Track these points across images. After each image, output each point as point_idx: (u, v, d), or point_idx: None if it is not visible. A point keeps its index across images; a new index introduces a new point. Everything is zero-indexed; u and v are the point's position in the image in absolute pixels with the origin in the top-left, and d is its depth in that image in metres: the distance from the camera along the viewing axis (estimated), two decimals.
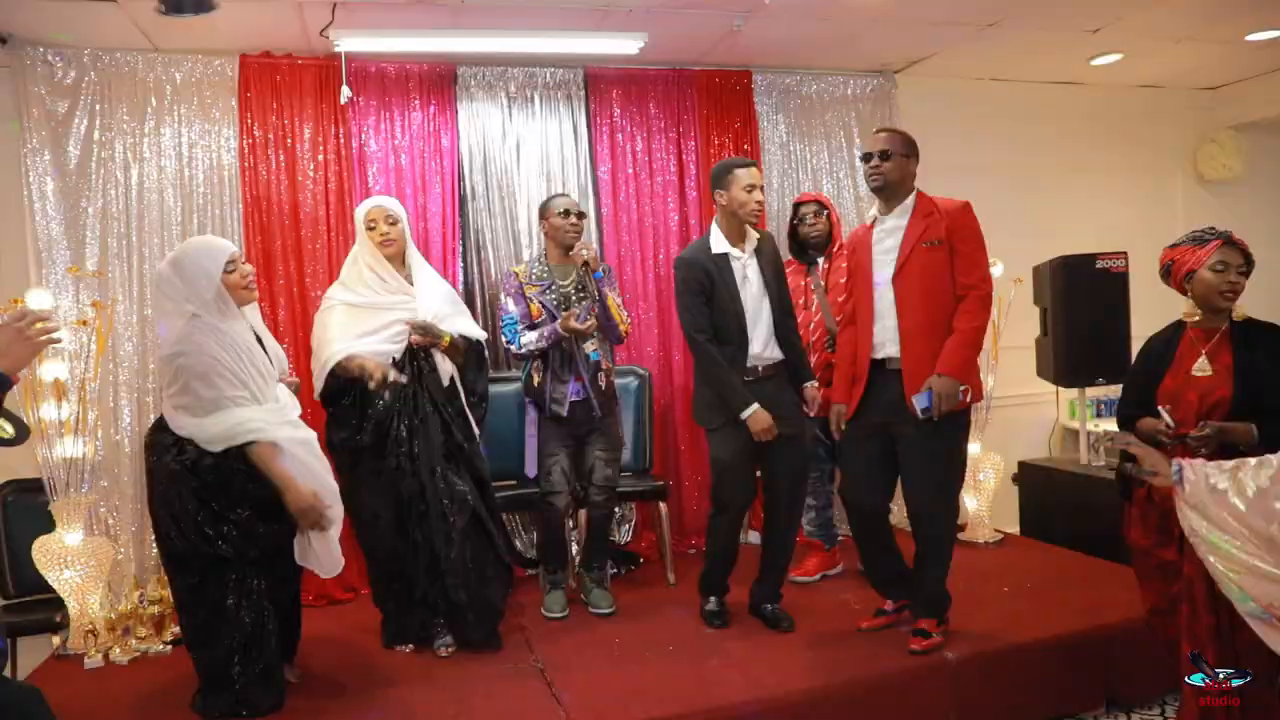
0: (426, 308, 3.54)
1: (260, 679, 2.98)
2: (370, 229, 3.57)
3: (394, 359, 3.44)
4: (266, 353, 3.04)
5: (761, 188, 3.49)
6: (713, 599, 3.70)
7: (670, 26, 4.30)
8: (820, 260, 4.20)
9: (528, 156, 4.72)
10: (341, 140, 4.40)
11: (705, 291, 3.47)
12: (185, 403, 2.86)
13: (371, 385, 3.30)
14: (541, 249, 4.12)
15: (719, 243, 3.51)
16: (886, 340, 3.26)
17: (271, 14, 3.93)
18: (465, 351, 3.62)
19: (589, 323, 3.75)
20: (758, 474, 3.63)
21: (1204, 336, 2.73)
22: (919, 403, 3.12)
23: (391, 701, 3.10)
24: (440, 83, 4.58)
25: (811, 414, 3.65)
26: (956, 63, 5.20)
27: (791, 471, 3.60)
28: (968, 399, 3.18)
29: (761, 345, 3.51)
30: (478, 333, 3.70)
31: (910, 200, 3.27)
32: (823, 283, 4.16)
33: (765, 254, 3.58)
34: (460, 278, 4.59)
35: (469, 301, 4.62)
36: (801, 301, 4.11)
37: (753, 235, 3.58)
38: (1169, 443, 2.70)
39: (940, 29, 4.63)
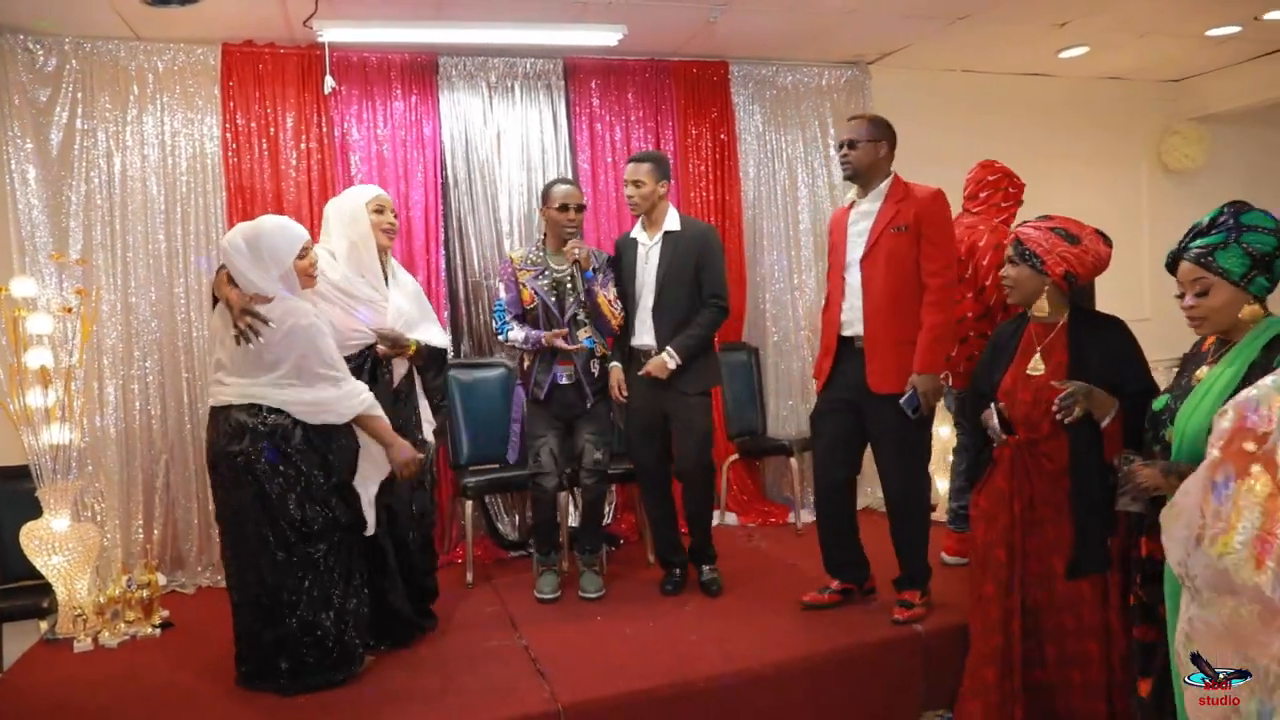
0: (397, 311, 3.44)
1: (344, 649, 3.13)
2: (379, 213, 3.43)
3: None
4: None
5: (635, 183, 3.75)
6: (668, 570, 3.96)
7: (648, 18, 4.38)
8: None
9: (509, 145, 4.78)
10: (324, 129, 4.45)
11: (615, 268, 3.89)
12: (295, 376, 2.99)
13: None
14: (542, 233, 4.05)
15: (636, 229, 3.88)
16: (854, 319, 3.38)
17: (254, 4, 3.96)
18: (427, 356, 3.57)
19: (576, 346, 3.80)
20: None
21: (1043, 332, 2.71)
22: (907, 405, 3.23)
23: (380, 680, 3.17)
24: (422, 72, 4.63)
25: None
26: (928, 54, 5.30)
27: (683, 455, 3.81)
28: (949, 383, 3.28)
29: (645, 330, 3.78)
30: (441, 340, 3.66)
31: (885, 185, 3.35)
32: None
33: (679, 244, 3.75)
34: (443, 265, 4.65)
35: (450, 285, 4.69)
36: None
37: (671, 224, 3.78)
38: (996, 439, 2.77)
39: (912, 21, 4.73)
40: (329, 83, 4.25)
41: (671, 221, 3.79)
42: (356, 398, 3.06)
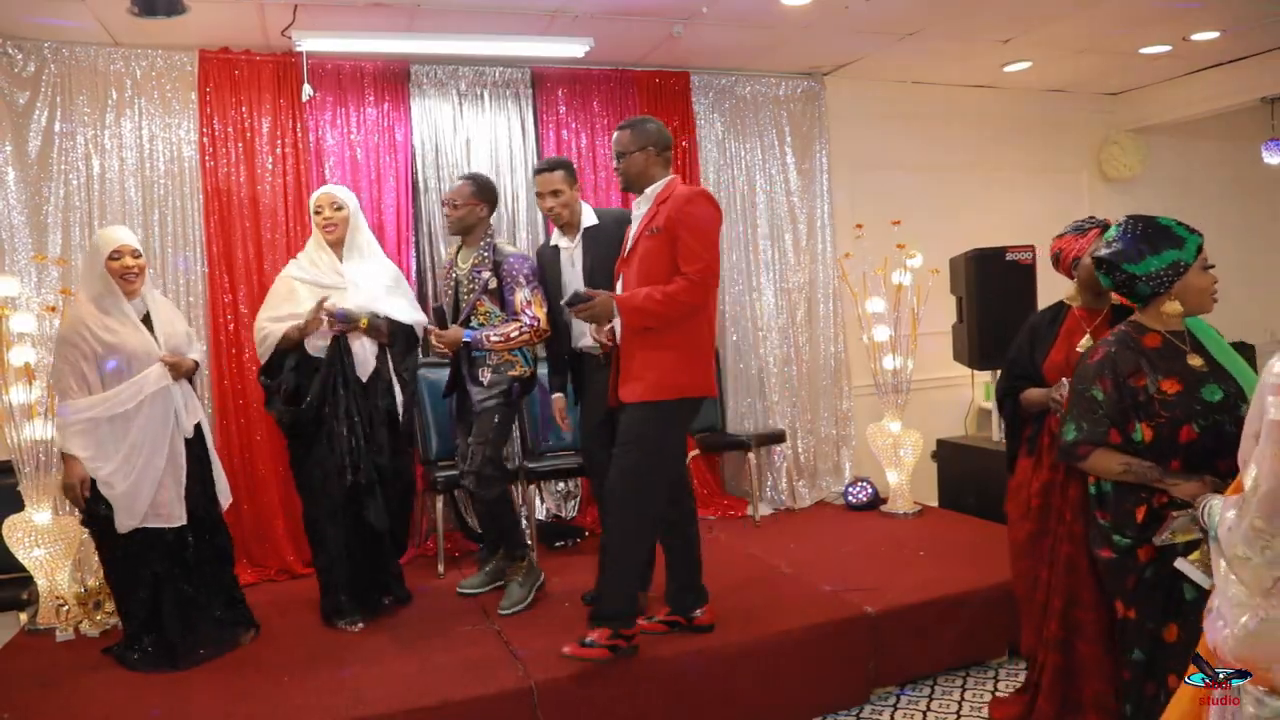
0: (354, 293, 3.65)
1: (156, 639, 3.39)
2: (316, 213, 3.77)
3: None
4: (154, 335, 3.35)
5: (554, 193, 3.64)
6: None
7: (614, 31, 4.56)
8: None
9: (477, 151, 4.93)
10: (299, 134, 4.58)
11: (541, 279, 3.79)
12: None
13: (306, 328, 3.57)
14: None
15: (555, 235, 3.81)
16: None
17: (233, 13, 4.08)
18: (392, 333, 3.72)
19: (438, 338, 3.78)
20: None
21: (1089, 317, 3.02)
22: (570, 300, 3.19)
23: (359, 661, 3.32)
24: (394, 80, 4.77)
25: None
26: (880, 66, 5.54)
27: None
28: (611, 342, 3.17)
29: (581, 330, 3.56)
30: (408, 316, 3.77)
31: (653, 189, 3.22)
32: None
33: (597, 239, 3.61)
34: (413, 266, 4.80)
35: (420, 287, 4.83)
36: None
37: (588, 222, 3.66)
38: (1058, 410, 2.98)
39: (864, 36, 4.96)
40: (307, 90, 4.37)
41: (588, 218, 3.69)
42: (63, 419, 3.28)
